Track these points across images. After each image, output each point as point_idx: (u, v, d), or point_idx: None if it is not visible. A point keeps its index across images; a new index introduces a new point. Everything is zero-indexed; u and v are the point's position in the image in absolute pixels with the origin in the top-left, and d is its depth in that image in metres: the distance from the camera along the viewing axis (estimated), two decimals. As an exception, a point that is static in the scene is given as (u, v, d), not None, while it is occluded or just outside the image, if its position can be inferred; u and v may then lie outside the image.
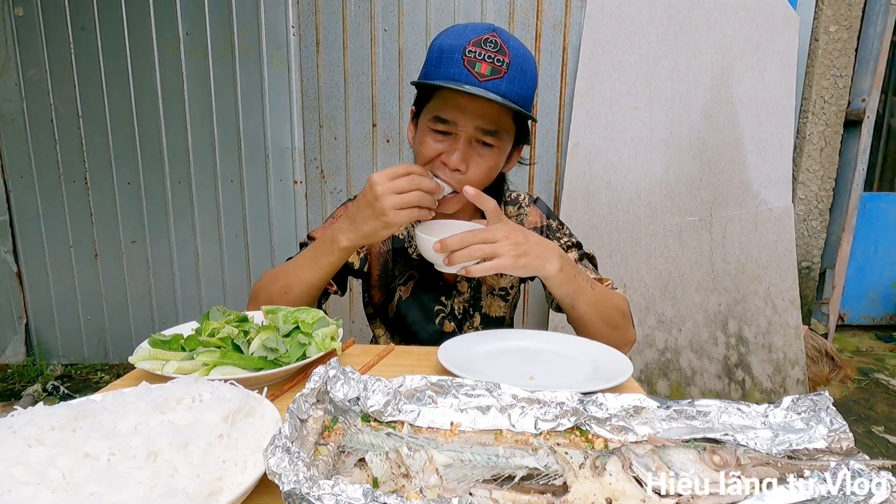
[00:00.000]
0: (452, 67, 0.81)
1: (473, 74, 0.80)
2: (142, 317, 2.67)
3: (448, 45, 0.82)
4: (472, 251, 0.76)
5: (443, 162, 0.87)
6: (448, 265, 0.78)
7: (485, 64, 0.80)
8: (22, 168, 2.51)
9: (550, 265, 0.80)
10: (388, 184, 0.76)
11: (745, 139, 2.39)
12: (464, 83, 0.80)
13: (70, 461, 0.41)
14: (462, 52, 0.81)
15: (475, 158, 0.87)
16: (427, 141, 0.88)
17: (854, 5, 2.57)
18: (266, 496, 0.44)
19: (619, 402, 0.50)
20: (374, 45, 2.38)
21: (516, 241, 0.77)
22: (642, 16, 2.29)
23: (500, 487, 0.41)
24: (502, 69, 0.80)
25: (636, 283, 2.37)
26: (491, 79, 0.80)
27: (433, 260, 0.81)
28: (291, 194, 2.54)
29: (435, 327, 1.04)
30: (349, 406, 0.52)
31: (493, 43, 0.81)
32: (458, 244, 0.76)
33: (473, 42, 0.81)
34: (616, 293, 0.95)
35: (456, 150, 0.85)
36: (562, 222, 1.08)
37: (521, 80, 0.82)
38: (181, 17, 2.37)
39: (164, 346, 0.70)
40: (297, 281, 0.88)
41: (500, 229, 0.77)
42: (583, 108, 2.31)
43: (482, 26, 0.83)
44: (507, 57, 0.81)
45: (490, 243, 0.76)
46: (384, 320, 1.10)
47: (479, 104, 0.83)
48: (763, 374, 2.38)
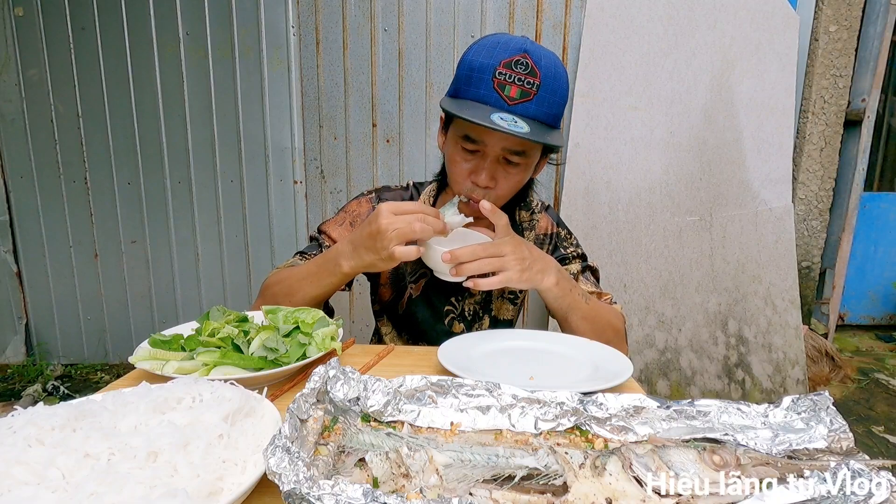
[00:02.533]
0: (482, 88, 0.82)
1: (503, 98, 0.81)
2: (142, 317, 2.67)
3: (479, 64, 0.82)
4: (482, 264, 0.77)
5: (473, 182, 0.90)
6: (455, 276, 0.78)
7: (515, 87, 0.80)
8: (22, 168, 2.51)
9: (548, 279, 0.83)
10: (394, 219, 0.76)
11: (745, 139, 2.39)
12: (493, 106, 0.81)
13: (70, 461, 0.41)
14: (493, 72, 0.81)
15: (503, 175, 0.89)
16: (457, 160, 0.90)
17: (854, 5, 2.57)
18: (266, 496, 0.44)
19: (619, 402, 0.50)
20: (374, 45, 2.38)
21: (522, 256, 0.79)
22: (642, 16, 2.29)
23: (500, 487, 0.41)
24: (532, 91, 0.81)
25: (636, 283, 2.37)
26: (520, 102, 0.81)
27: (438, 269, 0.81)
28: (291, 194, 2.54)
29: (444, 327, 1.04)
30: (349, 406, 0.52)
31: (524, 65, 0.81)
32: (468, 256, 0.76)
33: (504, 63, 0.81)
34: (612, 309, 0.97)
35: (483, 168, 0.87)
36: (570, 232, 1.10)
37: (550, 101, 0.83)
38: (181, 17, 2.37)
39: (164, 346, 0.70)
40: (300, 292, 0.90)
41: (508, 243, 0.79)
42: (583, 108, 2.31)
43: (514, 45, 0.83)
44: (538, 79, 0.81)
45: (498, 257, 0.77)
46: (392, 318, 1.10)
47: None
48: (763, 374, 2.38)
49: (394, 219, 0.76)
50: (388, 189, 1.09)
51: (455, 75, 0.88)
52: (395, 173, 2.49)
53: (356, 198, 1.09)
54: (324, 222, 1.06)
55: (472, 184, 0.90)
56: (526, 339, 0.85)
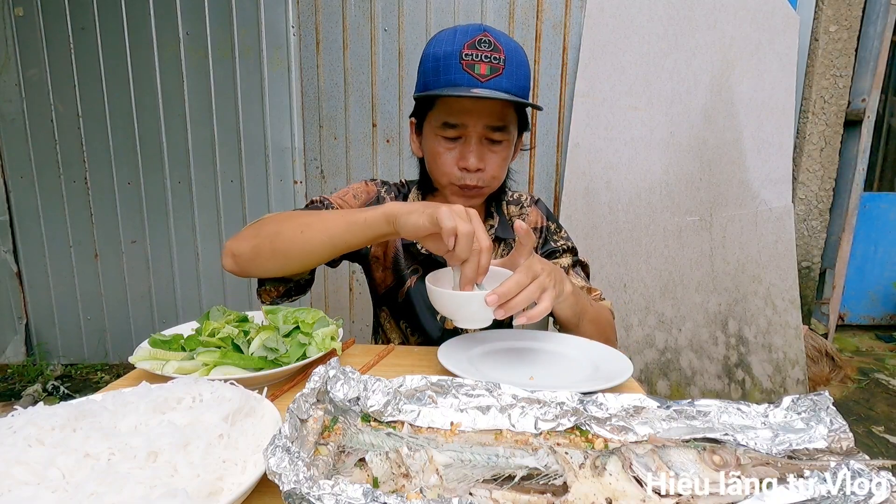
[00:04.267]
0: (452, 73, 0.82)
1: (475, 77, 0.82)
2: (142, 317, 2.67)
3: (443, 52, 0.83)
4: (531, 293, 0.66)
5: (462, 168, 0.88)
6: (501, 315, 0.66)
7: (483, 64, 0.82)
8: (22, 168, 2.51)
9: (567, 286, 0.78)
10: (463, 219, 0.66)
11: (745, 139, 2.39)
12: (467, 86, 0.81)
13: (70, 461, 0.41)
14: (459, 56, 0.82)
15: (489, 155, 0.89)
16: (439, 151, 0.89)
17: (854, 5, 2.57)
18: (266, 496, 0.44)
19: (619, 402, 0.50)
20: (374, 45, 2.38)
21: (549, 270, 0.71)
22: (642, 16, 2.29)
23: (500, 487, 0.41)
24: (500, 66, 0.82)
25: (636, 283, 2.37)
26: (492, 77, 0.82)
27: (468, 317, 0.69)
28: (291, 194, 2.54)
29: (438, 322, 1.04)
30: (349, 406, 0.52)
31: (488, 42, 0.82)
32: (514, 289, 0.65)
33: (468, 45, 0.82)
34: (604, 306, 0.96)
35: (470, 151, 0.87)
36: (560, 225, 1.09)
37: (518, 73, 0.84)
38: (181, 17, 2.37)
39: (164, 346, 0.70)
40: (321, 227, 0.76)
41: (537, 261, 0.71)
42: (583, 108, 2.31)
43: (472, 28, 0.84)
44: (503, 54, 0.82)
45: (538, 278, 0.68)
46: (391, 305, 1.07)
47: (485, 104, 0.84)
48: (763, 374, 2.38)
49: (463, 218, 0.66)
50: (387, 185, 1.07)
51: (420, 72, 0.88)
52: (395, 173, 2.49)
53: (364, 181, 1.04)
54: (325, 195, 0.98)
55: (461, 171, 0.89)
56: (526, 339, 0.85)
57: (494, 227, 1.03)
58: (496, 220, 1.04)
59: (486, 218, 1.05)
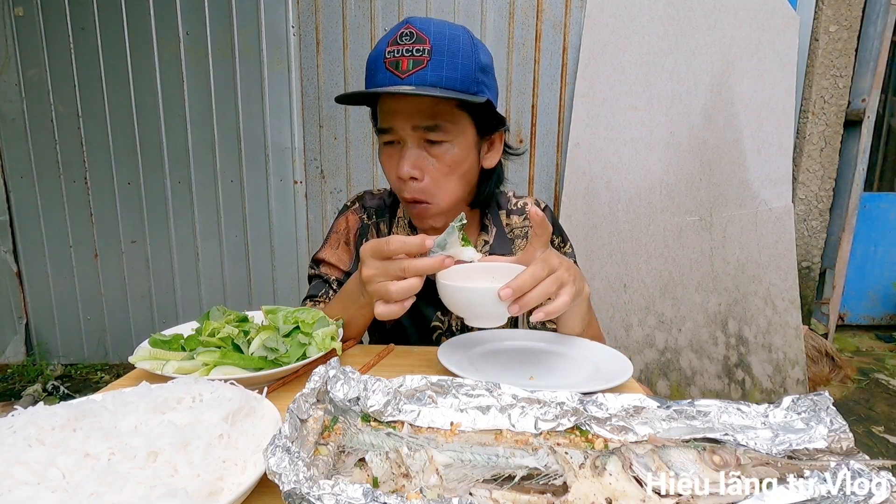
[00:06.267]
0: (378, 75, 0.77)
1: (396, 74, 0.76)
2: (142, 317, 2.67)
3: (373, 57, 0.79)
4: (547, 287, 0.61)
5: (397, 177, 0.81)
6: (517, 311, 0.62)
7: (405, 59, 0.75)
8: (22, 168, 2.51)
9: (586, 287, 0.72)
10: (374, 272, 0.65)
11: (745, 139, 2.39)
12: (387, 86, 0.75)
13: (70, 461, 0.41)
14: (383, 56, 0.77)
15: (428, 161, 0.80)
16: (383, 160, 0.85)
17: (854, 5, 2.57)
18: (266, 496, 0.44)
19: (619, 402, 0.50)
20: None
21: (568, 265, 0.66)
22: (642, 16, 2.29)
23: (500, 487, 0.41)
24: (424, 58, 0.75)
25: (636, 283, 2.37)
26: (413, 72, 0.75)
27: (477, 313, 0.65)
28: (291, 194, 2.54)
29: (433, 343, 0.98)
30: (349, 406, 0.52)
31: (410, 35, 0.76)
32: (530, 282, 0.60)
33: (391, 42, 0.77)
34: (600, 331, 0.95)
35: (402, 157, 0.79)
36: (565, 240, 1.03)
37: (450, 63, 0.76)
38: (181, 17, 2.37)
39: (164, 346, 0.70)
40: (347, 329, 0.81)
41: (553, 255, 0.65)
42: (583, 108, 2.31)
43: (398, 25, 0.79)
44: (428, 44, 0.75)
45: (554, 272, 0.63)
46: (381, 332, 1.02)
47: (408, 103, 0.78)
48: (763, 374, 2.38)
49: (374, 271, 0.65)
50: (371, 194, 1.03)
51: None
52: (395, 173, 2.49)
53: (341, 213, 1.02)
54: (318, 251, 0.98)
55: (399, 181, 0.82)
56: (526, 339, 0.85)
57: (489, 242, 0.96)
58: (492, 235, 0.96)
59: (479, 232, 0.97)
